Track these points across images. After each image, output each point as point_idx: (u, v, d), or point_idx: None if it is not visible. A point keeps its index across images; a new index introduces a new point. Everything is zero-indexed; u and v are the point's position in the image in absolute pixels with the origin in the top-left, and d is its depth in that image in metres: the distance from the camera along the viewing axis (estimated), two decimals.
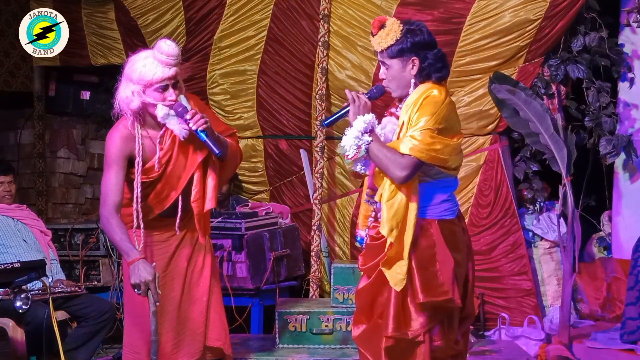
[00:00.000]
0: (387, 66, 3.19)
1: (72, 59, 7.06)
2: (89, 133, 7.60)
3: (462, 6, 5.60)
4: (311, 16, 6.07)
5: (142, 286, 3.39)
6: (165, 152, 3.57)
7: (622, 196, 5.79)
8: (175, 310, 3.66)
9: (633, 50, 5.68)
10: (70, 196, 7.43)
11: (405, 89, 3.20)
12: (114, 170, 3.54)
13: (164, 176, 3.60)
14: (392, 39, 3.13)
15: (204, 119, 3.45)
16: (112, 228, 3.48)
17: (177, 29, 6.57)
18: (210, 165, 3.63)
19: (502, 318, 5.45)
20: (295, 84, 6.25)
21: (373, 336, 3.22)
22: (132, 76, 3.48)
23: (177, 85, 3.52)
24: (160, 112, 3.47)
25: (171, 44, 3.45)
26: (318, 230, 5.86)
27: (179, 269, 3.68)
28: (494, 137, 5.75)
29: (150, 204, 3.63)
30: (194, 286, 3.70)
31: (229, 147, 3.66)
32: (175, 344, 3.66)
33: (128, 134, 3.57)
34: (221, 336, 3.71)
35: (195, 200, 3.59)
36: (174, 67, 3.46)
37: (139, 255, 3.43)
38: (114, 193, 3.51)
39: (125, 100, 3.50)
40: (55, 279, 4.86)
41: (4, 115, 7.46)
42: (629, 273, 4.98)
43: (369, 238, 3.29)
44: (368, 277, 3.26)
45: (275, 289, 5.45)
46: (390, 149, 3.08)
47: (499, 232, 5.69)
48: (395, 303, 3.11)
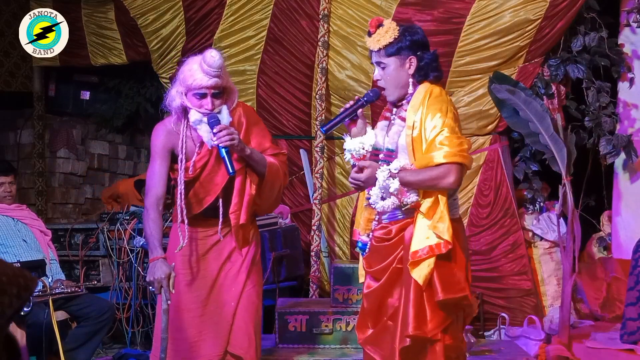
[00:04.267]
0: (383, 65, 3.18)
1: (72, 59, 7.06)
2: (89, 133, 7.60)
3: (462, 6, 5.60)
4: (311, 16, 6.07)
5: (156, 284, 3.46)
6: (202, 157, 3.62)
7: (622, 196, 5.79)
8: (199, 308, 3.67)
9: (633, 50, 5.68)
10: (70, 196, 7.43)
11: (402, 89, 3.20)
12: (157, 162, 3.62)
13: (199, 179, 3.64)
14: (390, 37, 3.14)
15: (229, 137, 3.46)
16: (147, 221, 3.57)
17: (177, 29, 6.57)
18: (249, 181, 3.66)
19: (502, 318, 5.45)
20: (295, 84, 6.25)
21: (383, 338, 3.21)
22: (179, 77, 3.56)
23: (220, 95, 3.55)
24: (193, 117, 3.53)
25: (215, 56, 3.47)
26: (318, 230, 5.86)
27: (211, 270, 3.70)
28: (493, 137, 5.75)
29: (191, 201, 3.67)
30: (226, 290, 3.69)
31: (268, 167, 3.67)
32: (195, 342, 3.66)
33: (171, 129, 3.63)
34: (243, 344, 3.66)
35: (234, 212, 3.64)
36: (215, 77, 3.48)
37: (159, 254, 3.49)
38: (156, 185, 3.59)
39: (170, 98, 3.58)
40: (55, 279, 4.86)
41: (4, 115, 7.46)
42: (629, 273, 4.98)
43: (375, 239, 3.27)
44: (376, 279, 3.26)
45: (275, 289, 5.45)
46: (423, 169, 3.06)
47: (499, 232, 5.69)
48: (415, 302, 3.09)
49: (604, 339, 5.05)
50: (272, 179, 3.72)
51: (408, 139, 3.12)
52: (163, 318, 3.52)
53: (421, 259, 3.06)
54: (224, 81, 3.54)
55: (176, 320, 3.64)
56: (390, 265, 3.19)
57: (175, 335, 3.64)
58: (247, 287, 3.70)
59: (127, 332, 5.64)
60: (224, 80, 3.55)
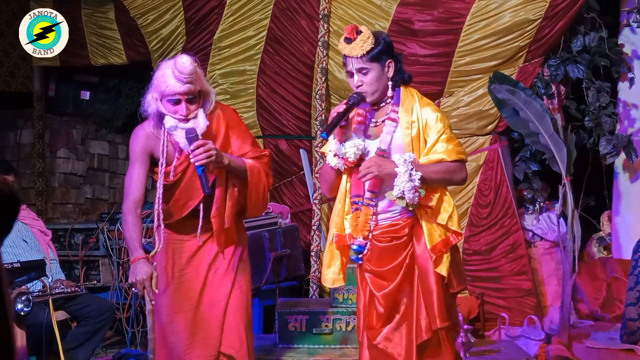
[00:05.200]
0: (366, 70, 3.22)
1: (72, 59, 7.06)
2: (89, 133, 7.60)
3: (462, 6, 5.60)
4: (311, 16, 6.07)
5: (139, 285, 3.43)
6: (182, 162, 3.59)
7: (622, 196, 5.79)
8: (191, 310, 3.66)
9: (633, 50, 5.68)
10: (70, 196, 7.43)
11: (382, 93, 3.26)
12: (135, 166, 3.60)
13: (181, 184, 3.62)
14: (371, 43, 3.19)
15: (206, 154, 3.44)
16: (126, 224, 3.55)
17: (177, 29, 6.58)
18: (231, 186, 3.65)
19: (502, 318, 5.45)
20: (295, 84, 6.25)
21: (399, 336, 3.26)
22: (153, 82, 3.52)
23: (194, 100, 3.52)
24: (168, 123, 3.50)
25: (186, 62, 3.43)
26: (318, 230, 5.86)
27: (199, 271, 3.68)
28: (493, 137, 5.75)
29: (171, 208, 3.66)
30: (215, 291, 3.68)
31: (249, 171, 3.64)
32: (188, 344, 3.66)
33: (150, 133, 3.60)
34: (235, 344, 3.65)
35: (215, 217, 3.62)
36: (187, 84, 3.44)
37: (140, 255, 3.47)
38: (135, 188, 3.57)
39: (146, 104, 3.55)
40: (55, 279, 4.86)
41: (4, 115, 7.46)
42: (629, 273, 4.98)
43: (380, 240, 3.28)
44: (388, 279, 3.27)
45: (275, 289, 5.45)
46: (438, 164, 3.18)
47: (498, 232, 5.69)
48: (438, 295, 3.18)
49: (604, 339, 5.05)
50: (255, 182, 3.69)
51: (407, 138, 3.20)
52: (148, 319, 3.51)
53: (442, 253, 3.16)
54: (197, 86, 3.49)
55: (169, 324, 3.64)
56: (403, 263, 3.24)
57: (169, 338, 3.65)
58: (236, 287, 3.69)
59: (127, 332, 5.65)
60: (198, 85, 3.49)
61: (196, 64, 3.48)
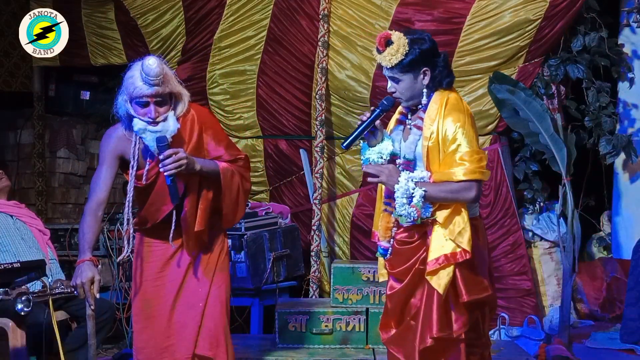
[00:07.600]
0: (398, 80, 3.18)
1: (72, 59, 7.05)
2: (89, 133, 7.59)
3: (462, 6, 5.60)
4: (311, 16, 6.07)
5: (79, 289, 3.43)
6: (154, 166, 3.55)
7: (622, 196, 5.80)
8: (165, 314, 3.64)
9: (633, 50, 5.69)
10: (70, 196, 7.43)
11: (417, 98, 3.21)
12: (103, 167, 3.58)
13: (155, 188, 3.59)
14: (402, 54, 3.12)
15: (174, 165, 3.40)
16: (82, 224, 3.55)
17: (177, 29, 6.57)
18: (204, 189, 3.62)
19: (502, 318, 5.45)
20: (295, 84, 6.25)
21: (406, 337, 3.26)
22: (123, 84, 3.49)
23: (164, 103, 3.46)
24: (136, 125, 3.46)
25: (152, 64, 3.37)
26: (318, 230, 5.86)
27: (175, 275, 3.65)
28: (493, 137, 5.75)
29: (146, 213, 3.65)
30: (192, 293, 3.66)
31: (222, 174, 3.59)
32: (164, 348, 3.63)
33: (121, 135, 3.58)
34: (212, 345, 3.62)
35: (185, 220, 3.59)
36: (155, 86, 3.39)
37: (86, 257, 3.46)
38: (99, 190, 3.56)
39: (118, 105, 3.52)
40: (55, 279, 4.85)
41: (4, 115, 7.46)
42: (629, 274, 4.99)
43: (397, 242, 3.31)
44: (399, 280, 3.29)
45: (275, 289, 5.45)
46: (443, 184, 3.09)
47: (499, 232, 5.69)
48: (437, 305, 3.14)
49: (604, 339, 5.06)
50: (228, 185, 3.63)
51: (424, 149, 3.15)
52: (88, 324, 3.48)
53: (438, 268, 3.10)
54: (166, 88, 3.44)
55: (147, 328, 3.64)
56: (413, 267, 3.23)
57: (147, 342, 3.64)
58: (214, 288, 3.66)
59: (127, 332, 5.64)
60: (167, 87, 3.44)
61: (164, 65, 3.43)
